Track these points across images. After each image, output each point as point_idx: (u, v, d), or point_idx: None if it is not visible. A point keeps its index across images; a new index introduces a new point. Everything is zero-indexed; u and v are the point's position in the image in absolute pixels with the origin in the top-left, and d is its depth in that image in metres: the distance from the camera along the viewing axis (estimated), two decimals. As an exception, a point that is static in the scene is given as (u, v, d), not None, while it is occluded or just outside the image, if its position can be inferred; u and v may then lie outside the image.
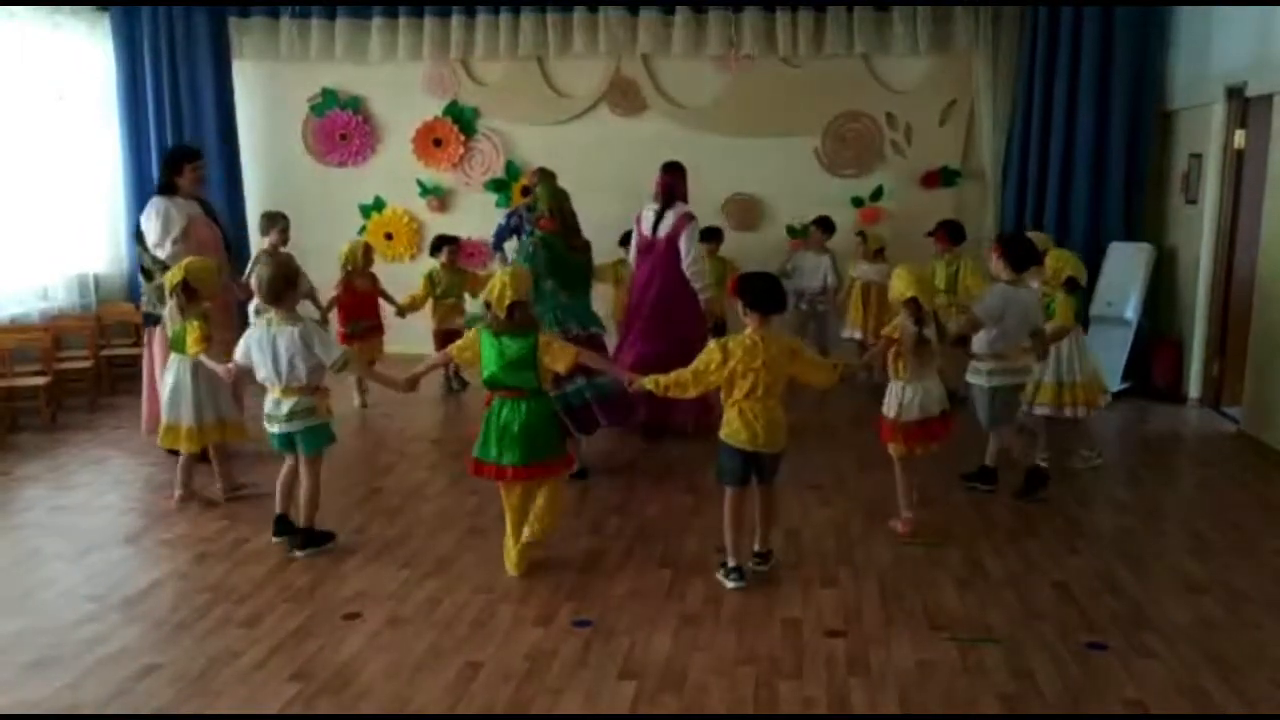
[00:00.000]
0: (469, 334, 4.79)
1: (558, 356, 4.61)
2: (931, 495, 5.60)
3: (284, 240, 7.39)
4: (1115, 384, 7.98)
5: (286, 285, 4.89)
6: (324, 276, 7.91)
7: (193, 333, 5.47)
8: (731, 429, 4.51)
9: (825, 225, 8.83)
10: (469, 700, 3.64)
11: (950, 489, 5.84)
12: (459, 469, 5.93)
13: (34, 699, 3.65)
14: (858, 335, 8.62)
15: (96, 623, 4.23)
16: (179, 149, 6.69)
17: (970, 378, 5.74)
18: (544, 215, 6.24)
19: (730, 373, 4.43)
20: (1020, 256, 5.61)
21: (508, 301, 4.56)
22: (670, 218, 6.94)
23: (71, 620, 4.26)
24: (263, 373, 4.90)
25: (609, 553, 5.01)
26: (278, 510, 5.10)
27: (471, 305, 8.18)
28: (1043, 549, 5.04)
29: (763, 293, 4.51)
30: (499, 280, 4.61)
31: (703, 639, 4.09)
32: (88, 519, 5.52)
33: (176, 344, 5.61)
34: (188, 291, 5.53)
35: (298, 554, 4.91)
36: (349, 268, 7.94)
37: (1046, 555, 4.96)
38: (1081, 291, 6.20)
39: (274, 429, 4.94)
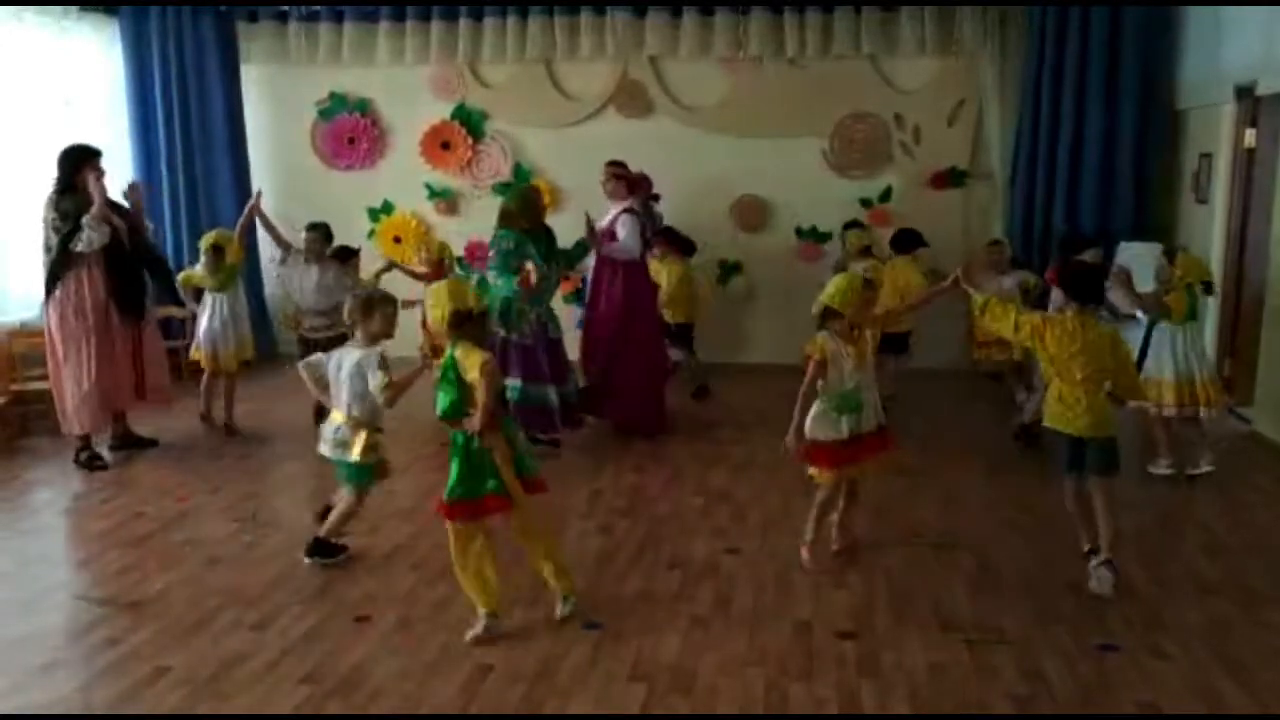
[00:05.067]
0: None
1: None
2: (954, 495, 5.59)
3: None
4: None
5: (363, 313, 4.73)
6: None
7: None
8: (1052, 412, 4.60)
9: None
10: (479, 702, 3.64)
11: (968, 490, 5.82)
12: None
13: (45, 701, 3.66)
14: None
15: (107, 626, 4.23)
16: (84, 148, 6.56)
17: None
18: None
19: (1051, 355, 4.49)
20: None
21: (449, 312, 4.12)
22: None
23: (82, 623, 4.27)
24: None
25: (618, 555, 5.00)
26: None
27: None
28: (1054, 549, 5.02)
29: (1080, 281, 4.59)
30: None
31: (712, 641, 4.09)
32: (98, 523, 5.53)
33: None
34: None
35: (305, 559, 4.90)
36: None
37: (1058, 556, 4.94)
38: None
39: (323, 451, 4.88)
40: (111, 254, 6.38)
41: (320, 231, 7.37)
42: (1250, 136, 7.36)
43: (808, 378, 4.67)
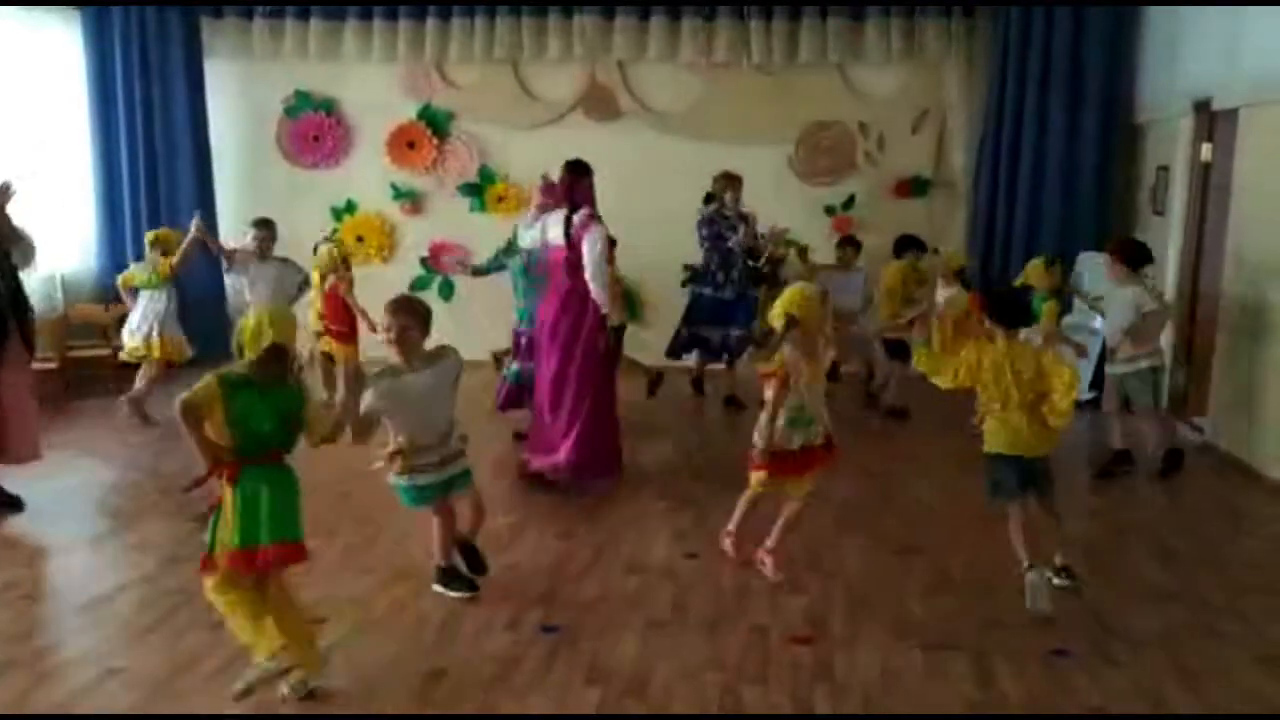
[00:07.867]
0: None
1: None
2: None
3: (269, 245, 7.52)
4: (1084, 393, 8.03)
5: None
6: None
7: None
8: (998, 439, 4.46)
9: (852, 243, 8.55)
10: (435, 705, 3.62)
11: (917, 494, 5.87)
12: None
13: (-9, 703, 3.61)
14: None
15: (57, 626, 4.19)
16: None
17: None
18: None
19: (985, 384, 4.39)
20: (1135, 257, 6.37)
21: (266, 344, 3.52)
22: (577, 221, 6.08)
23: (31, 624, 4.22)
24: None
25: (576, 558, 5.00)
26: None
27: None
28: (1009, 557, 5.03)
29: (1002, 306, 4.57)
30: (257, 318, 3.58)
31: (669, 645, 4.09)
32: (53, 523, 5.45)
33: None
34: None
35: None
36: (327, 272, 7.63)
37: (1013, 563, 4.96)
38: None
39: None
40: None
41: (270, 229, 7.52)
42: (1206, 151, 7.47)
43: (774, 396, 4.52)
